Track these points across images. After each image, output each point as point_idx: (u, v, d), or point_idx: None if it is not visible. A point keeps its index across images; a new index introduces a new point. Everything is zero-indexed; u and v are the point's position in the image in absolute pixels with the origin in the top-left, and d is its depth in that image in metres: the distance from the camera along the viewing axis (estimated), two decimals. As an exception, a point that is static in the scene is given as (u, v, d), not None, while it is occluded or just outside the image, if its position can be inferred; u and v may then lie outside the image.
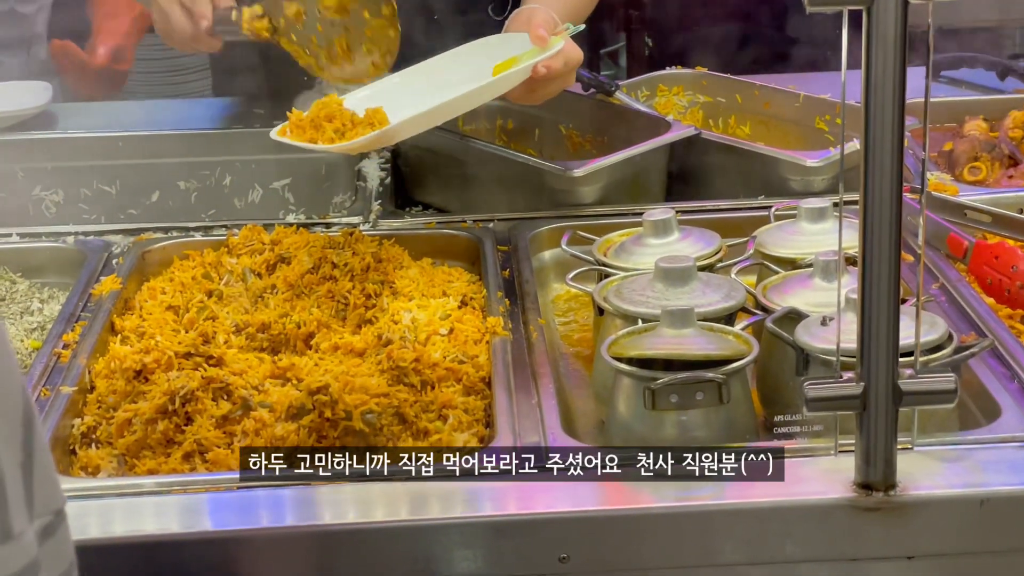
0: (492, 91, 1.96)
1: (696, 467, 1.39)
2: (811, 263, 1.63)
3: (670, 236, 1.77)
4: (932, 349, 1.44)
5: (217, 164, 2.44)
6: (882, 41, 1.21)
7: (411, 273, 1.89)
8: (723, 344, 1.50)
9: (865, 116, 1.23)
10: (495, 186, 2.15)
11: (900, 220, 1.25)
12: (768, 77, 2.45)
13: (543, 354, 1.67)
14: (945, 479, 1.37)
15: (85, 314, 1.80)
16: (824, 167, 2.05)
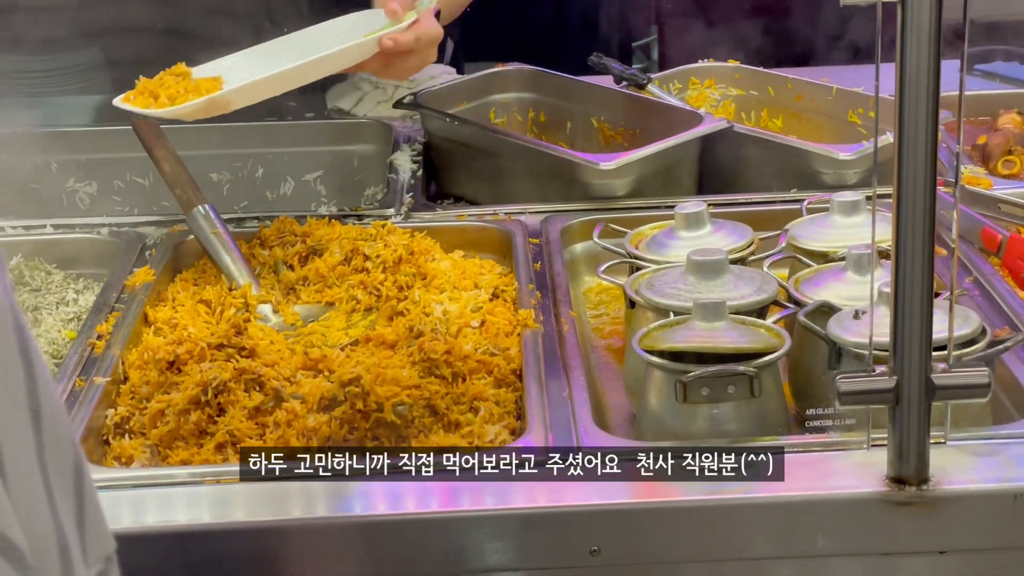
0: (335, 62, 1.96)
1: (696, 467, 1.39)
2: (844, 256, 1.63)
3: (702, 229, 1.76)
4: (966, 343, 1.43)
5: (249, 156, 2.44)
6: (916, 34, 1.20)
7: (443, 265, 1.89)
8: (755, 337, 1.49)
9: (899, 110, 1.23)
10: (527, 179, 2.15)
11: (934, 214, 1.24)
12: (801, 70, 2.45)
13: (574, 347, 1.67)
14: (978, 474, 1.36)
15: (119, 305, 1.81)
16: (857, 160, 2.04)
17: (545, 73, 2.45)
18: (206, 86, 1.88)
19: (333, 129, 2.48)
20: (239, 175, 2.44)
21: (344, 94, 2.56)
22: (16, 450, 0.68)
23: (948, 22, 1.22)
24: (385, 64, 2.01)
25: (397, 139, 2.37)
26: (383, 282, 1.84)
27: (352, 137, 2.47)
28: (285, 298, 1.87)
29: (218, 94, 1.85)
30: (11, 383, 0.67)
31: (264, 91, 1.90)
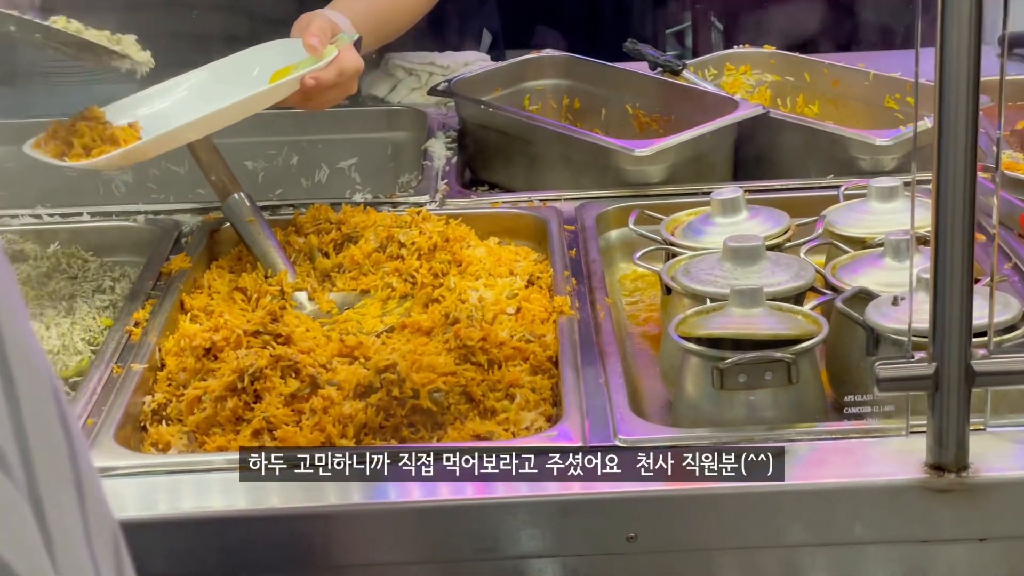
0: (260, 102, 1.91)
1: (696, 467, 1.38)
2: (881, 243, 1.62)
3: (738, 215, 1.75)
4: (1005, 329, 1.42)
5: (284, 144, 2.45)
6: (956, 17, 1.19)
7: (478, 252, 1.88)
8: (792, 324, 1.48)
9: (939, 95, 1.21)
10: (561, 165, 2.15)
11: (974, 199, 1.23)
12: (837, 56, 2.43)
13: (610, 333, 1.67)
14: (1018, 460, 1.35)
15: (155, 292, 1.82)
16: (894, 146, 2.02)
17: (580, 60, 2.44)
18: (123, 136, 1.83)
19: (367, 116, 2.48)
20: (273, 163, 2.45)
21: (378, 81, 2.57)
22: (63, 524, 0.67)
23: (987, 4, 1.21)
24: (305, 98, 1.96)
25: (431, 126, 2.37)
26: (418, 269, 1.84)
27: (386, 124, 2.47)
28: (320, 285, 1.88)
29: (133, 146, 1.81)
30: (56, 455, 0.67)
31: (183, 137, 1.87)
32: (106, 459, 1.43)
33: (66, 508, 0.67)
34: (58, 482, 0.67)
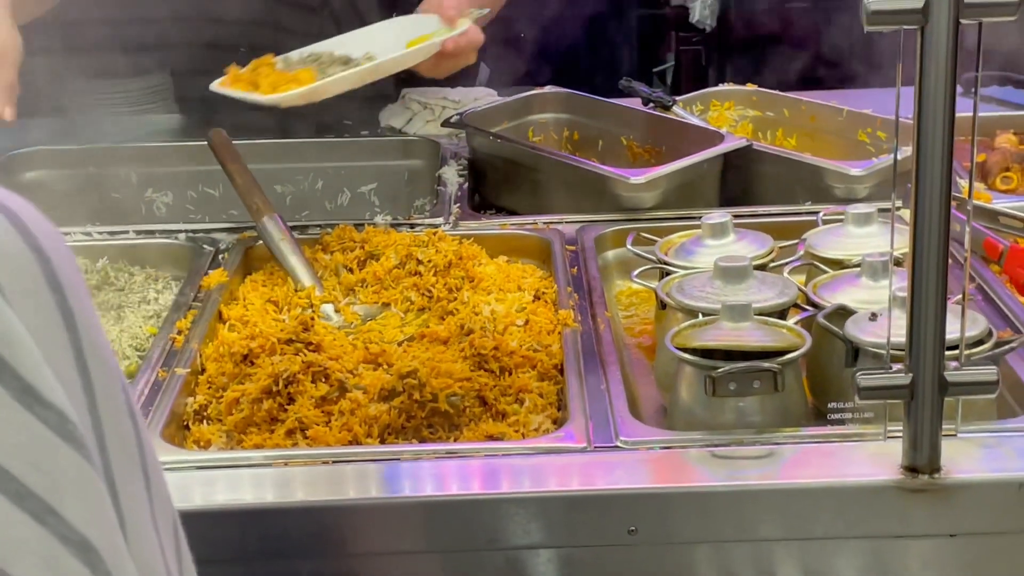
0: (408, 60, 2.08)
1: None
2: (858, 263, 1.61)
3: (727, 238, 1.75)
4: (974, 344, 1.41)
5: (310, 170, 2.44)
6: (934, 59, 1.19)
7: (489, 269, 1.87)
8: (778, 337, 1.48)
9: (917, 129, 1.21)
10: (563, 191, 2.14)
11: (948, 224, 1.22)
12: (814, 93, 2.42)
13: (610, 344, 1.66)
14: (986, 464, 1.34)
15: (196, 303, 1.80)
16: (867, 176, 2.01)
17: (579, 95, 2.43)
18: (304, 77, 1.91)
19: (386, 146, 2.47)
20: (300, 187, 2.44)
21: (395, 114, 2.56)
22: (134, 507, 0.66)
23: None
24: (435, 64, 2.12)
25: (444, 155, 2.36)
26: (435, 284, 1.83)
27: (403, 153, 2.46)
28: (345, 298, 1.87)
29: (317, 84, 1.93)
30: (126, 443, 0.66)
31: (350, 83, 1.99)
32: (153, 455, 1.42)
33: (136, 492, 0.67)
34: (128, 468, 0.66)
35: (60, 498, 0.58)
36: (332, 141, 2.47)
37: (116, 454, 0.65)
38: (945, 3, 1.16)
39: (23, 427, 0.58)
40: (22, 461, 0.57)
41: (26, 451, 0.58)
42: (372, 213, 2.35)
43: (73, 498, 0.59)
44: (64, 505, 0.58)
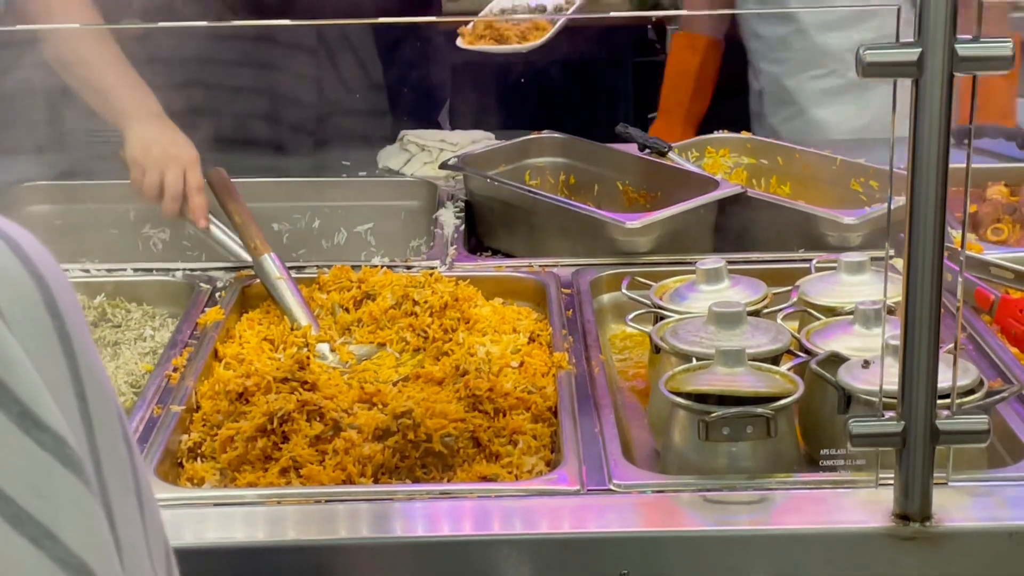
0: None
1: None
2: (851, 311, 1.62)
3: (721, 283, 1.75)
4: (965, 393, 1.42)
5: (307, 209, 2.45)
6: (928, 111, 1.20)
7: (484, 311, 1.88)
8: (771, 382, 1.48)
9: (911, 180, 1.22)
10: (559, 235, 2.15)
11: (941, 274, 1.23)
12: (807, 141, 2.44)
13: (604, 387, 1.66)
14: (977, 512, 1.35)
15: (192, 341, 1.80)
16: (859, 224, 2.03)
17: (576, 140, 2.45)
18: (542, 24, 2.17)
19: (384, 186, 2.48)
20: (297, 226, 2.45)
21: (393, 155, 2.57)
22: (128, 531, 0.66)
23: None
24: None
25: (441, 197, 2.37)
26: (430, 325, 1.84)
27: (400, 194, 2.47)
28: (340, 337, 1.87)
29: (559, 24, 2.18)
30: (121, 468, 0.66)
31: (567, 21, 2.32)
32: (147, 492, 1.41)
33: (131, 517, 0.67)
34: (123, 493, 0.67)
35: (58, 522, 0.59)
36: (330, 181, 2.48)
37: (112, 479, 0.66)
38: (940, 57, 1.17)
39: (22, 451, 0.58)
40: (21, 484, 0.58)
41: (25, 475, 0.58)
42: (368, 253, 2.36)
43: (71, 522, 0.59)
44: (62, 528, 0.59)
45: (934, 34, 1.17)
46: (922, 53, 1.18)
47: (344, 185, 2.47)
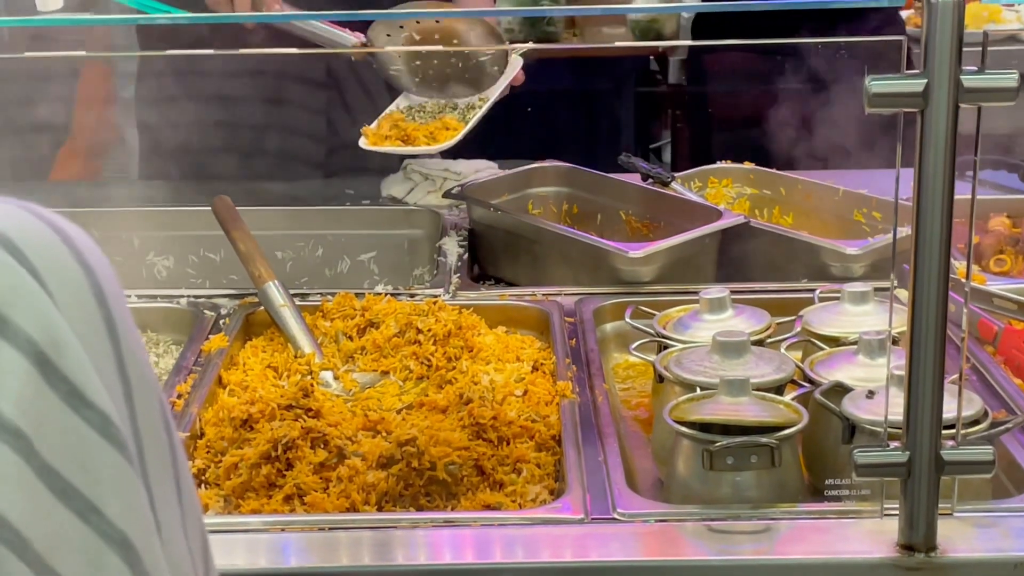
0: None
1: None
2: (855, 341, 1.62)
3: (724, 313, 1.75)
4: (969, 423, 1.41)
5: (311, 237, 2.45)
6: (934, 142, 1.20)
7: (487, 340, 1.88)
8: (776, 412, 1.48)
9: (916, 211, 1.22)
10: (562, 264, 2.15)
11: (946, 305, 1.24)
12: (810, 172, 2.44)
13: (607, 416, 1.66)
14: (981, 543, 1.34)
15: (196, 368, 1.80)
16: (863, 255, 2.03)
17: (579, 170, 2.45)
18: (451, 123, 2.16)
19: (387, 215, 2.49)
20: (301, 254, 2.45)
21: (397, 184, 2.57)
22: (167, 513, 0.68)
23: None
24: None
25: (445, 226, 2.37)
26: (434, 353, 1.84)
27: (404, 222, 2.48)
28: (344, 365, 1.87)
29: (469, 126, 2.21)
30: (161, 453, 0.67)
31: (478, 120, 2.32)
32: (151, 518, 1.41)
33: (168, 500, 0.69)
34: (163, 476, 0.69)
35: (103, 497, 0.61)
36: (334, 209, 2.49)
37: (152, 461, 0.67)
38: (945, 88, 1.18)
39: (70, 428, 0.60)
40: (69, 460, 0.60)
41: (73, 451, 0.60)
42: (372, 281, 2.36)
43: (115, 497, 0.62)
44: (106, 504, 0.61)
45: (939, 65, 1.18)
46: (927, 84, 1.18)
47: (348, 213, 2.48)
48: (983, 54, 1.20)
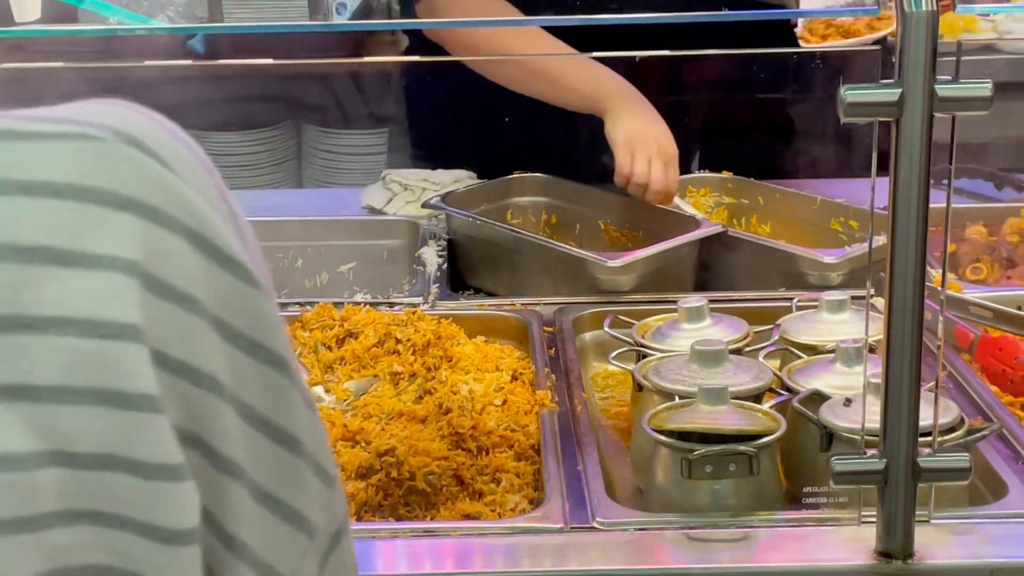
0: None
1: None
2: (832, 349, 1.62)
3: (703, 322, 1.76)
4: (946, 431, 1.42)
5: (290, 248, 2.45)
6: (909, 151, 1.21)
7: (467, 349, 1.88)
8: (754, 420, 1.49)
9: (892, 219, 1.23)
10: (541, 273, 2.15)
11: (922, 313, 1.24)
12: (787, 181, 2.45)
13: (587, 425, 1.66)
14: (958, 550, 1.35)
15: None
16: (840, 264, 2.04)
17: (558, 180, 2.46)
18: None
19: (366, 225, 2.48)
20: (280, 265, 2.44)
21: (376, 194, 2.57)
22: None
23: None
24: None
25: (424, 236, 2.37)
26: (413, 363, 1.84)
27: (383, 233, 2.47)
28: (323, 376, 1.87)
29: None
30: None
31: None
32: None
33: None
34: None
35: (259, 332, 0.69)
36: (312, 220, 2.48)
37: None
38: (920, 97, 1.18)
39: (227, 284, 0.68)
40: (232, 311, 0.68)
41: (233, 302, 0.68)
42: (351, 292, 2.36)
43: (266, 329, 0.70)
44: (263, 336, 0.69)
45: (914, 75, 1.18)
46: (902, 94, 1.19)
47: (326, 224, 2.47)
48: (957, 64, 1.21)
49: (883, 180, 1.23)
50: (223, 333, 0.68)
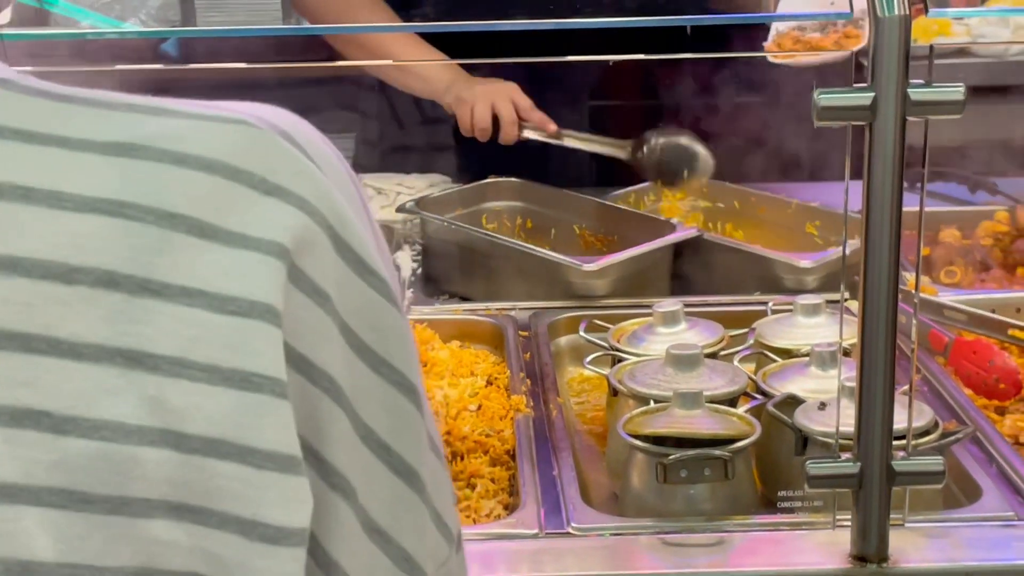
0: None
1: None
2: (807, 353, 1.63)
3: (678, 326, 1.76)
4: (920, 434, 1.43)
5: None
6: (882, 155, 1.21)
7: (441, 355, 1.88)
8: (729, 424, 1.49)
9: (866, 223, 1.23)
10: (516, 278, 2.15)
11: (896, 317, 1.25)
12: (763, 185, 2.46)
13: (562, 430, 1.66)
14: (933, 553, 1.35)
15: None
16: (815, 268, 2.04)
17: (533, 185, 2.46)
18: None
19: (340, 230, 2.47)
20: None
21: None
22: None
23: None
24: None
25: (398, 240, 2.36)
26: (388, 368, 1.83)
27: (357, 237, 2.46)
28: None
29: None
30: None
31: None
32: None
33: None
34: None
35: (389, 351, 0.67)
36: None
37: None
38: (892, 101, 1.19)
39: (360, 292, 0.66)
40: (361, 321, 0.66)
41: (363, 313, 0.66)
42: (325, 296, 2.35)
43: (398, 350, 0.68)
44: (392, 357, 0.67)
45: (887, 79, 1.19)
46: (875, 97, 1.19)
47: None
48: (930, 67, 1.21)
49: (857, 184, 1.24)
50: (349, 340, 0.65)
